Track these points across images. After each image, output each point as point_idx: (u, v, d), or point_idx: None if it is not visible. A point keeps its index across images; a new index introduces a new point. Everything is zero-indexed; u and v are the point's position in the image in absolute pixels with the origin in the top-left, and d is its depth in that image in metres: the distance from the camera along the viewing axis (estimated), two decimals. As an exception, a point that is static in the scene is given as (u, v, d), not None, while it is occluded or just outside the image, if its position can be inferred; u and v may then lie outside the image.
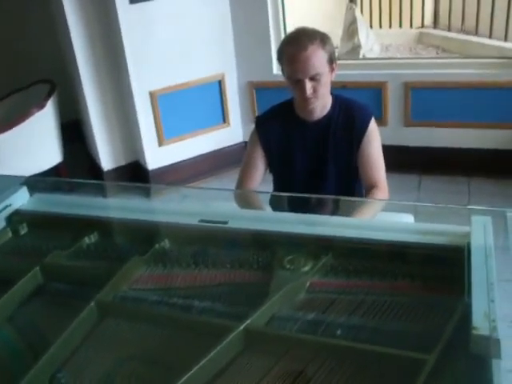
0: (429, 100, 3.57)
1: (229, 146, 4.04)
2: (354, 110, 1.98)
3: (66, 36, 3.59)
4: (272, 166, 2.10)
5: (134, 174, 3.97)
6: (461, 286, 1.07)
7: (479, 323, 0.90)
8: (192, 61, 3.67)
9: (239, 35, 3.76)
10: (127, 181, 3.98)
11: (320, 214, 1.47)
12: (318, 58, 1.84)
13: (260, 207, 1.82)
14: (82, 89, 3.66)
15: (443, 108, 3.55)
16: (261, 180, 2.11)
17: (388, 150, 3.58)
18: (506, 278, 1.10)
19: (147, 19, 3.46)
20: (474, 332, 0.89)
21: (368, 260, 1.24)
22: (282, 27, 3.73)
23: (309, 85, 1.86)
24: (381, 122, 3.67)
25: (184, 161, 3.93)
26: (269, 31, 3.70)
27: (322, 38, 1.87)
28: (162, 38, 3.53)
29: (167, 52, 3.57)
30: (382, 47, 5.25)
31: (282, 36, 3.74)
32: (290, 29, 3.85)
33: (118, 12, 3.34)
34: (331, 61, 1.90)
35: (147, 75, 3.57)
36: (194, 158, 3.95)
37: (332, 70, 1.92)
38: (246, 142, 4.01)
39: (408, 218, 2.07)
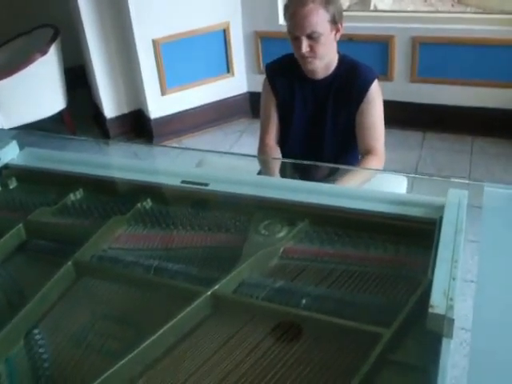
0: (436, 56, 3.49)
1: (233, 97, 4.01)
2: (357, 70, 1.96)
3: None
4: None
5: (137, 123, 3.97)
6: (429, 260, 1.08)
7: (437, 301, 0.92)
8: (196, 9, 3.60)
9: (245, -18, 3.66)
10: (130, 128, 4.00)
11: (311, 179, 1.47)
12: (317, 17, 1.82)
13: (274, 173, 1.85)
14: (84, 35, 3.63)
15: (451, 65, 3.48)
16: (279, 129, 2.11)
17: (392, 106, 3.55)
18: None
19: (150, -35, 3.37)
20: (430, 310, 0.91)
21: (343, 229, 1.25)
22: (289, -25, 3.62)
23: (305, 42, 1.84)
24: (386, 77, 3.62)
25: (187, 110, 3.91)
26: (276, -21, 3.60)
27: None
28: (165, -15, 3.45)
29: (171, 0, 3.50)
30: (396, -3, 5.10)
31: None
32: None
33: (121, -44, 3.26)
34: (335, 21, 1.86)
35: (150, 23, 3.51)
36: (197, 108, 3.94)
37: (336, 30, 1.89)
38: (250, 93, 3.98)
39: (400, 181, 2.07)
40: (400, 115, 3.59)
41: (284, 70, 2.04)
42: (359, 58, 3.50)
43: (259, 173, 1.98)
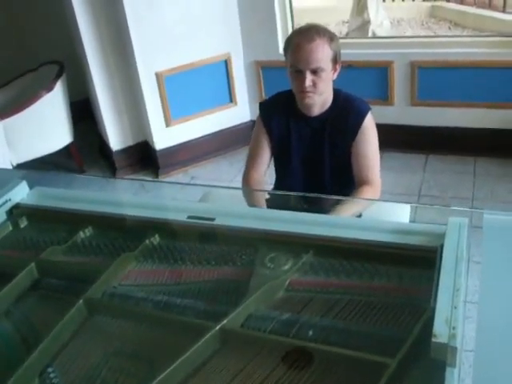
0: (435, 79, 3.55)
1: (236, 126, 4.07)
2: (351, 105, 1.99)
3: (72, 17, 3.62)
4: (273, 153, 2.13)
5: (143, 154, 4.03)
6: (432, 288, 1.11)
7: (439, 330, 0.94)
8: (198, 41, 3.68)
9: (245, 15, 3.76)
10: (136, 160, 4.05)
11: (311, 211, 1.50)
12: (323, 53, 1.87)
13: (261, 204, 1.88)
14: (89, 70, 3.71)
15: (450, 87, 3.53)
16: (267, 166, 2.15)
17: (394, 130, 3.63)
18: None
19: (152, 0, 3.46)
20: (434, 339, 0.93)
21: (347, 259, 1.28)
22: (287, 6, 3.72)
23: (309, 77, 1.88)
24: (387, 101, 3.68)
25: (191, 141, 3.97)
26: (274, 10, 3.70)
27: (330, 36, 1.90)
28: (166, 20, 3.54)
29: (173, 32, 3.59)
30: (394, 21, 5.19)
31: (288, 15, 3.75)
32: (297, 6, 3.84)
33: (123, -7, 3.35)
34: (335, 60, 1.92)
35: (153, 56, 3.60)
36: (202, 138, 4.00)
37: (335, 69, 1.94)
38: (253, 121, 4.03)
39: (404, 208, 2.10)
40: (402, 138, 3.64)
41: (279, 108, 2.06)
42: (359, 84, 3.58)
43: None
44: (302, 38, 1.88)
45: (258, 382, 1.01)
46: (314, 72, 1.87)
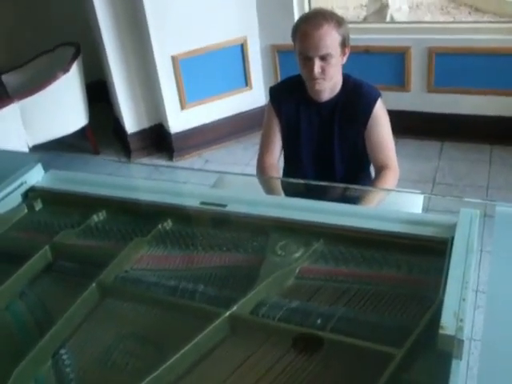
0: (453, 66, 3.51)
1: (251, 110, 4.06)
2: (360, 90, 1.99)
3: (89, 1, 3.61)
4: (283, 138, 2.14)
5: (158, 137, 4.05)
6: (442, 280, 1.11)
7: (447, 322, 0.95)
8: (214, 24, 3.67)
9: (261, -3, 3.72)
10: (151, 143, 4.07)
11: (322, 199, 1.50)
12: (331, 39, 1.86)
13: (277, 192, 1.89)
14: (105, 52, 3.71)
15: (467, 74, 3.49)
16: (281, 150, 2.16)
17: (410, 116, 3.61)
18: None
19: (169, -17, 3.45)
20: (441, 331, 0.94)
21: (357, 248, 1.28)
22: (305, -11, 3.68)
23: (318, 63, 1.87)
24: (403, 87, 3.65)
25: (206, 124, 3.97)
26: (291, -7, 3.65)
27: (337, 20, 1.89)
28: (183, 2, 3.53)
29: (189, 16, 3.58)
30: (413, 6, 5.12)
31: (305, -2, 3.70)
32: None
33: (140, -24, 3.34)
34: (344, 44, 1.91)
35: (169, 39, 3.59)
36: (217, 122, 4.00)
37: (344, 53, 1.93)
38: (268, 106, 4.02)
39: (417, 197, 2.09)
40: (417, 125, 3.62)
41: (288, 93, 2.07)
42: (376, 70, 3.55)
43: None
44: (309, 24, 1.87)
45: (266, 369, 1.02)
46: (323, 58, 1.87)
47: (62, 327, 1.16)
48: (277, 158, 2.14)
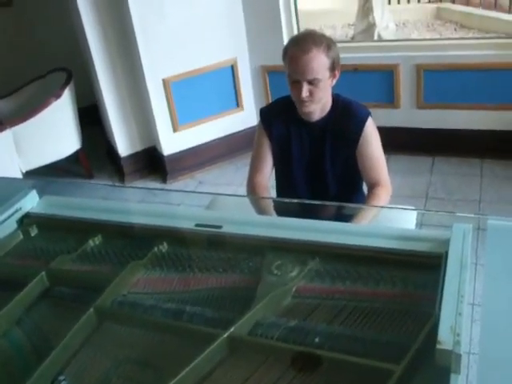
0: (441, 82, 3.56)
1: (243, 130, 4.08)
2: (350, 110, 2.01)
3: (79, 26, 3.66)
4: (274, 158, 2.15)
5: (151, 160, 4.06)
6: (437, 294, 1.12)
7: (444, 337, 0.96)
8: (204, 47, 3.71)
9: (250, 20, 3.77)
10: (144, 165, 4.09)
11: (316, 218, 1.51)
12: (319, 63, 1.87)
13: (269, 212, 1.89)
14: (96, 77, 3.74)
15: (456, 90, 3.54)
16: (271, 170, 2.17)
17: (401, 132, 3.64)
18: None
19: (158, 7, 3.50)
20: (438, 346, 0.94)
21: (352, 265, 1.29)
22: (293, 10, 3.73)
23: (306, 87, 1.89)
24: (393, 104, 3.69)
25: (199, 145, 3.99)
26: (280, 14, 3.71)
27: (327, 44, 1.90)
28: (173, 26, 3.57)
29: (179, 39, 3.62)
30: (399, 24, 5.20)
31: (294, 19, 3.76)
32: (302, 8, 3.86)
33: (129, 0, 3.38)
34: (333, 68, 1.92)
35: (160, 63, 3.63)
36: (209, 143, 4.02)
37: (333, 76, 1.95)
38: (259, 126, 4.06)
39: (410, 213, 2.11)
40: (408, 141, 3.65)
41: (279, 114, 2.08)
42: (365, 87, 3.59)
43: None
44: (299, 48, 1.89)
45: (265, 390, 1.02)
46: (311, 82, 1.89)
47: (60, 353, 1.16)
48: (267, 178, 2.15)
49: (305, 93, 1.89)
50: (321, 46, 1.87)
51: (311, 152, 2.05)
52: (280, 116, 2.08)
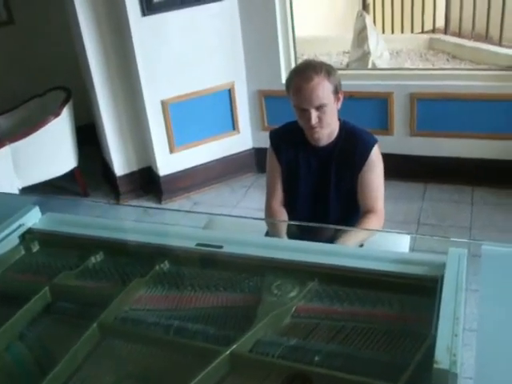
0: (434, 111, 3.64)
1: (239, 153, 4.14)
2: (356, 137, 2.06)
3: (80, 46, 3.71)
4: (282, 180, 2.19)
5: (146, 180, 4.09)
6: (433, 316, 1.16)
7: (441, 357, 0.99)
8: (202, 70, 3.77)
9: (249, 45, 3.85)
10: (139, 185, 4.11)
11: (317, 241, 1.55)
12: (323, 89, 1.93)
13: (281, 235, 1.94)
14: (95, 96, 3.79)
15: (448, 118, 3.62)
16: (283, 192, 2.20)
17: (394, 159, 3.68)
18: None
19: (159, 31, 3.57)
20: (435, 365, 0.98)
21: (351, 287, 1.33)
22: (290, 37, 3.81)
23: (314, 114, 1.94)
24: (387, 131, 3.76)
25: (195, 167, 4.03)
26: (277, 41, 3.78)
27: (327, 70, 1.96)
28: (173, 50, 3.63)
29: (178, 62, 3.68)
30: (393, 53, 5.30)
31: (291, 46, 3.84)
32: (299, 35, 3.94)
33: (131, 24, 3.46)
34: (336, 91, 1.98)
35: (159, 85, 3.68)
36: (205, 165, 4.06)
37: (338, 99, 2.01)
38: (255, 149, 4.12)
39: (403, 238, 2.15)
40: (401, 168, 3.71)
41: (288, 138, 2.14)
42: (360, 114, 3.66)
43: (267, 233, 2.07)
44: (301, 78, 1.95)
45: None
46: (318, 108, 1.94)
47: (63, 368, 1.18)
48: (282, 202, 2.19)
49: (314, 120, 1.94)
50: (321, 73, 1.93)
51: (318, 175, 2.10)
52: (289, 140, 2.13)
